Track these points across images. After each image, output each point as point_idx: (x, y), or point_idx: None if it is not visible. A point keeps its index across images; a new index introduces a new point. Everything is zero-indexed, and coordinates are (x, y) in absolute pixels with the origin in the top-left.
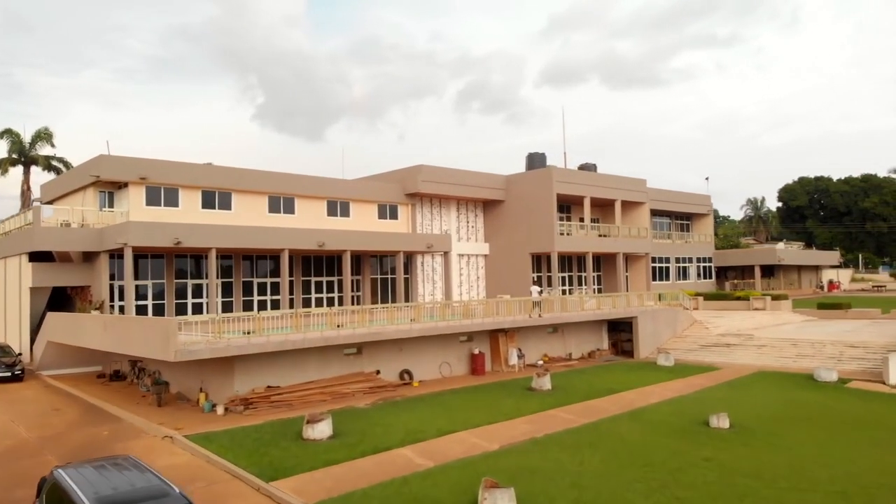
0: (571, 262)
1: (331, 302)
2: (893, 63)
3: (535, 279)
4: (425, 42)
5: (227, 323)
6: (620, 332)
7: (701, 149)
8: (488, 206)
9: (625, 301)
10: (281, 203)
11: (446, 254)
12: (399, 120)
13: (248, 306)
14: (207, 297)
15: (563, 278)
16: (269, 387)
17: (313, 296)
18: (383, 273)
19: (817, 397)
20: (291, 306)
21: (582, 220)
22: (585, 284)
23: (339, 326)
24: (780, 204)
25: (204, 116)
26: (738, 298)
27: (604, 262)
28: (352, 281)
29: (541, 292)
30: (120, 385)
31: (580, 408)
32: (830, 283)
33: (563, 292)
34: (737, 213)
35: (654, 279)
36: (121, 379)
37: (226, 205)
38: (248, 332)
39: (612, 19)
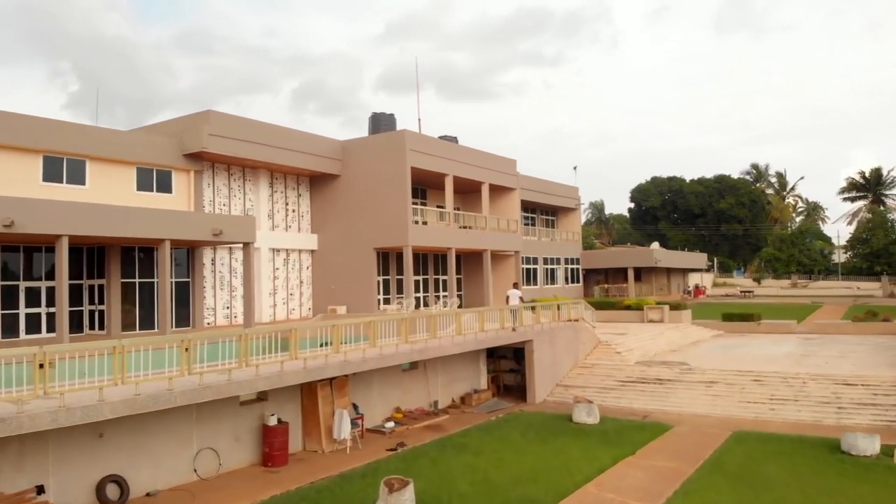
0: (427, 261)
1: (51, 322)
2: (700, 86)
3: (515, 283)
4: (259, 37)
5: None
6: (500, 358)
7: (536, 160)
8: (318, 182)
9: (516, 316)
10: None
11: (247, 246)
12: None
13: None
14: None
15: (418, 283)
16: None
17: (22, 311)
18: (148, 276)
19: (889, 499)
20: None
21: (441, 206)
22: (447, 291)
23: None
24: (631, 205)
25: (7, 104)
26: (628, 307)
27: (465, 262)
28: (88, 287)
29: (521, 298)
30: None
31: None
32: (696, 287)
33: (418, 302)
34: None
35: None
36: None
37: None
38: None
39: (447, 31)
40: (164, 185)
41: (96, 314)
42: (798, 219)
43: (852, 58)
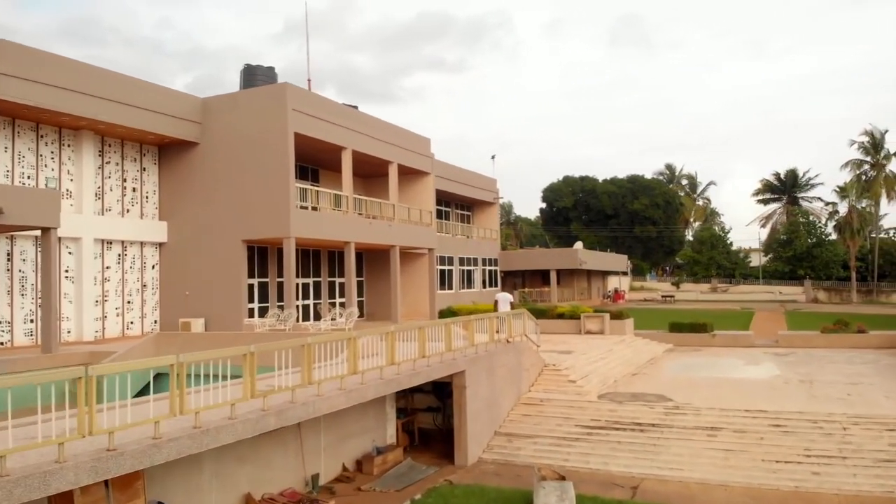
0: (319, 259)
1: None
2: (597, 98)
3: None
4: (152, 29)
5: None
6: (414, 392)
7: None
8: (169, 152)
9: (444, 335)
10: None
11: (47, 233)
12: None
13: None
14: None
15: (303, 289)
16: None
17: None
18: None
19: None
20: None
21: (337, 191)
22: (344, 297)
23: None
24: (543, 205)
25: None
26: (561, 316)
27: (367, 261)
28: None
29: (512, 304)
30: None
31: None
32: (616, 291)
33: (305, 313)
34: None
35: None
36: None
37: None
38: None
39: (349, 33)
40: None
41: None
42: (696, 224)
43: (735, 74)
